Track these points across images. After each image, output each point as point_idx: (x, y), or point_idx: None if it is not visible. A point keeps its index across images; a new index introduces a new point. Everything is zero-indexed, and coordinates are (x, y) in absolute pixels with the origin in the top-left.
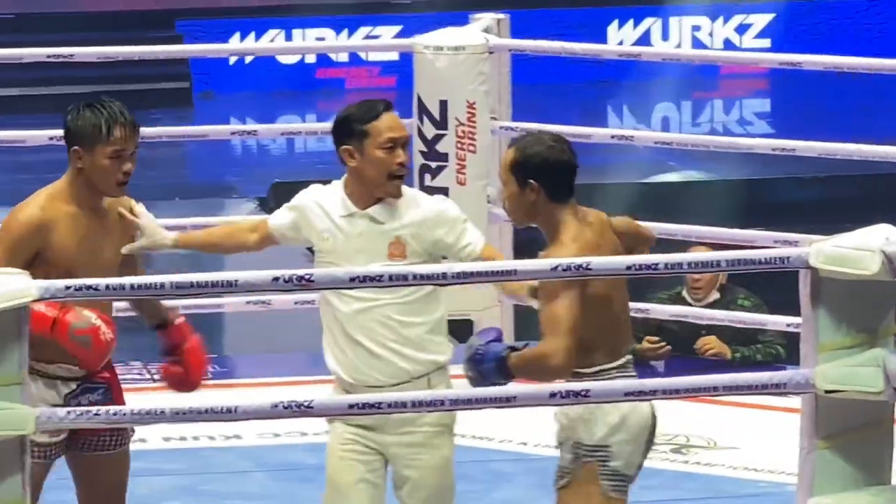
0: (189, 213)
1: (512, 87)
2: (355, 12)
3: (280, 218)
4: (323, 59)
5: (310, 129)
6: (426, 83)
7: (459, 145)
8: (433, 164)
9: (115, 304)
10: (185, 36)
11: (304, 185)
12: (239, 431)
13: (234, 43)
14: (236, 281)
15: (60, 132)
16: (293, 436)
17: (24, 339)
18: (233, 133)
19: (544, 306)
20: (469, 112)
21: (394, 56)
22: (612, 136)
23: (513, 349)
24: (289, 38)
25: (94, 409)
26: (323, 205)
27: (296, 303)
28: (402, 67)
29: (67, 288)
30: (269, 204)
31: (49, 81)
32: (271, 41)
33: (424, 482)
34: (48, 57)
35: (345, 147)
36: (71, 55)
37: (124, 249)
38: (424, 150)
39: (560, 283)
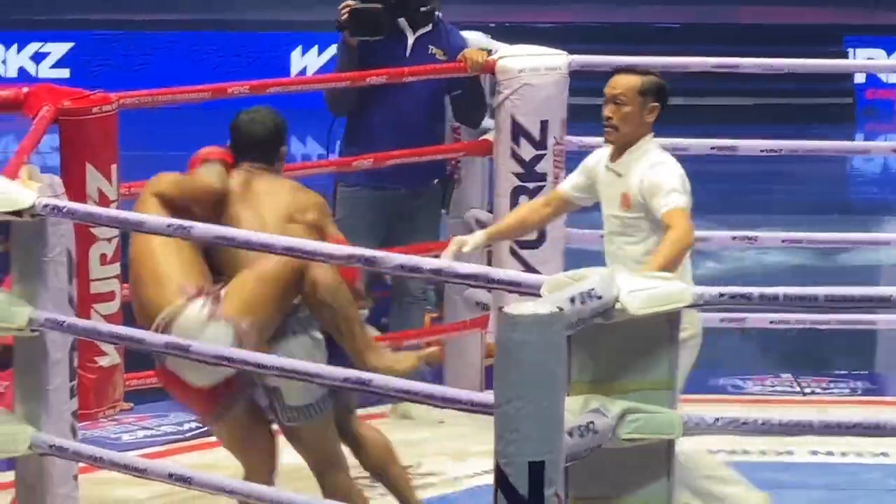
0: (847, 229)
1: None
2: None
3: (570, 182)
4: (872, 80)
5: None
6: None
7: None
8: None
9: None
10: (850, 51)
11: None
12: (886, 449)
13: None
14: (891, 297)
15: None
16: None
17: (675, 344)
18: (894, 150)
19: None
20: None
21: None
22: None
23: None
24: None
25: (741, 417)
26: (598, 161)
27: None
28: None
29: (721, 295)
30: None
31: (713, 92)
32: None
33: None
34: (713, 67)
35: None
36: (736, 66)
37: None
38: None
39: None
